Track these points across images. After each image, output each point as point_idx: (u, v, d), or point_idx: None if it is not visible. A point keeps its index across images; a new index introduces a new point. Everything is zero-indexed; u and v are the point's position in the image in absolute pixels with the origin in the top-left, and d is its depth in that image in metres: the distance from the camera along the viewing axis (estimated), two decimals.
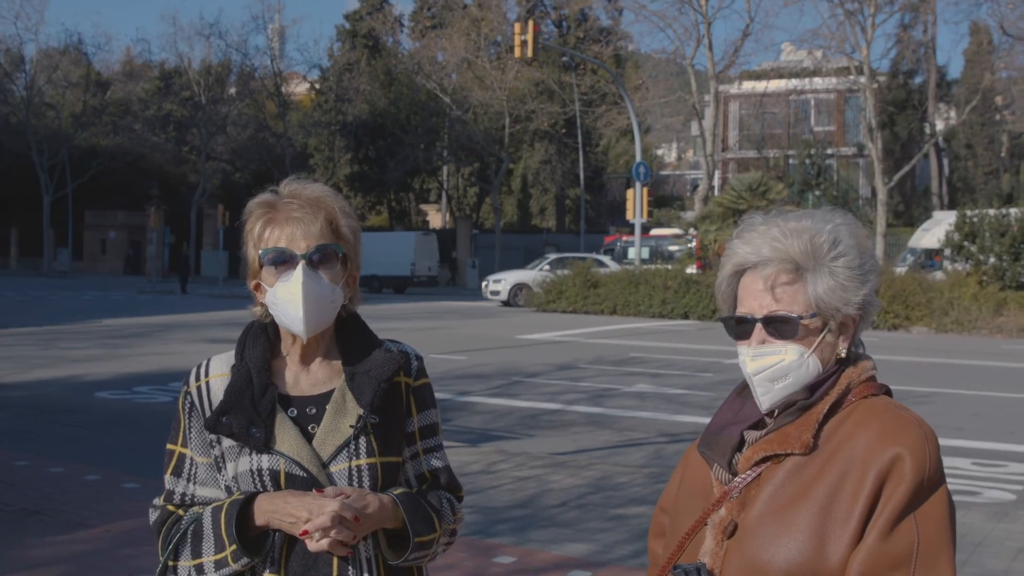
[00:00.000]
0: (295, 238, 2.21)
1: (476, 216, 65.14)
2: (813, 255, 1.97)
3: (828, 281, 1.96)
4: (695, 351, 20.37)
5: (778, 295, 1.98)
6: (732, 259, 2.05)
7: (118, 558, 6.14)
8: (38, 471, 8.61)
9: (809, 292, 1.97)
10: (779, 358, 1.97)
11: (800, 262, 1.97)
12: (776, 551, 1.86)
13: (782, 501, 1.90)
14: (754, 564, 1.88)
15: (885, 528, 1.81)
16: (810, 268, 1.97)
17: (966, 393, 14.90)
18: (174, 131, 64.29)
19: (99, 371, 16.01)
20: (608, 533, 7.03)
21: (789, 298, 1.98)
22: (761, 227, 2.02)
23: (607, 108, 53.27)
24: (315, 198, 2.26)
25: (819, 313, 1.97)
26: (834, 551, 1.83)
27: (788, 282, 1.98)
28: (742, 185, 33.27)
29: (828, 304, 1.97)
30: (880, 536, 1.81)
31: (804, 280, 1.97)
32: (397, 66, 61.35)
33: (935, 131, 49.81)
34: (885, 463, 1.84)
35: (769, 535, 1.88)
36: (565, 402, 13.57)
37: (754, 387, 2.01)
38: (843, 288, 1.97)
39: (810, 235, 1.98)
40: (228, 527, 2.15)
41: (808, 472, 1.90)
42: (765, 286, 1.99)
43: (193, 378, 2.33)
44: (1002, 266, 28.68)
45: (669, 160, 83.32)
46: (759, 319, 1.99)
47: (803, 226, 2.00)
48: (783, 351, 1.97)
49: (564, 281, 33.10)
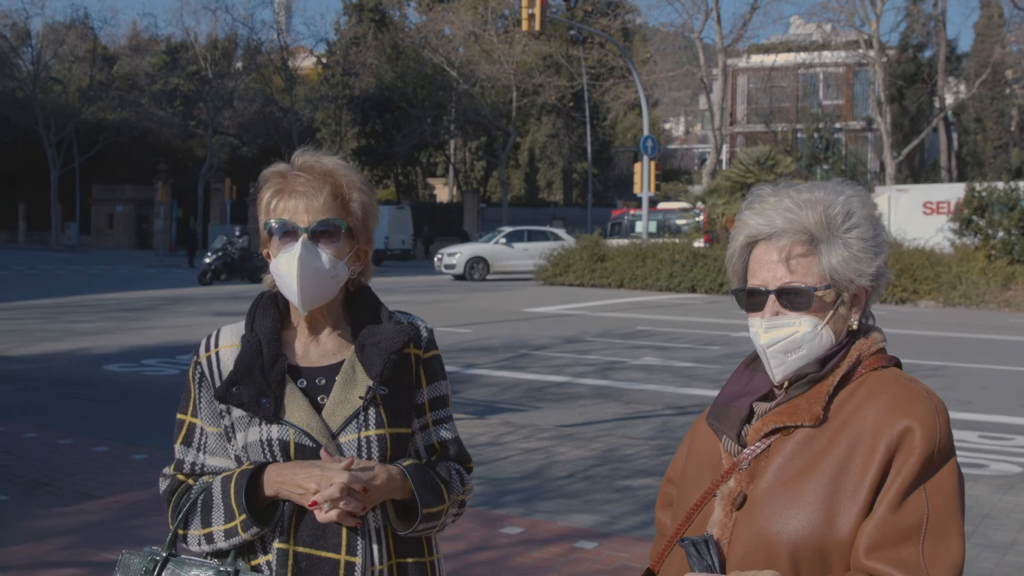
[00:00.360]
0: (298, 211, 2.22)
1: (483, 190, 65.08)
2: (827, 226, 1.95)
3: (842, 252, 1.95)
4: (702, 324, 20.36)
5: (792, 266, 1.96)
6: (744, 230, 2.02)
7: (126, 529, 6.17)
8: (46, 443, 8.65)
9: (824, 263, 1.95)
10: (793, 330, 1.96)
11: (815, 233, 1.95)
12: (785, 522, 1.85)
13: (791, 473, 1.89)
14: (763, 535, 1.87)
15: (895, 500, 1.80)
16: (824, 239, 1.95)
17: (974, 367, 14.88)
18: (181, 105, 64.20)
19: (107, 344, 16.06)
20: (615, 504, 7.05)
21: (803, 269, 1.96)
22: (772, 198, 2.00)
23: (615, 82, 53.09)
24: (326, 171, 2.26)
25: (833, 284, 1.96)
26: (843, 523, 1.82)
27: (803, 253, 1.96)
28: (750, 159, 33.18)
29: (842, 276, 1.95)
30: (890, 508, 1.80)
31: (818, 251, 1.95)
32: (404, 40, 61.12)
33: (944, 105, 49.53)
34: (895, 435, 1.83)
35: (778, 506, 1.87)
36: (572, 375, 13.58)
37: (767, 359, 1.99)
38: (857, 259, 1.95)
39: (824, 206, 1.96)
40: (238, 497, 2.16)
41: (818, 444, 1.90)
42: (779, 257, 1.97)
43: (203, 348, 2.34)
44: (1011, 240, 28.57)
45: (677, 134, 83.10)
46: (773, 291, 1.97)
47: (816, 197, 1.98)
48: (797, 323, 1.96)
49: (571, 254, 33.07)
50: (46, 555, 5.73)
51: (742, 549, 1.90)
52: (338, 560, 2.18)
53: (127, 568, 2.25)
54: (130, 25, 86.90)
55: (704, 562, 1.91)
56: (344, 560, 2.18)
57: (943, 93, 50.17)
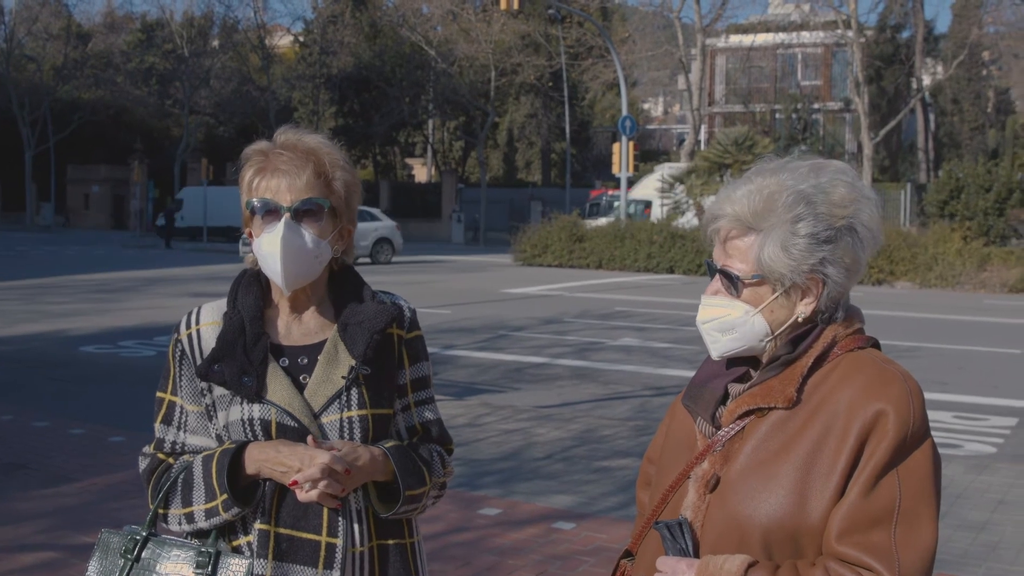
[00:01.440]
0: (280, 190, 2.21)
1: (462, 170, 64.90)
2: (764, 216, 1.91)
3: (775, 245, 1.90)
4: (680, 305, 20.42)
5: (729, 250, 1.97)
6: (707, 209, 2.05)
7: (103, 511, 6.15)
8: (23, 425, 8.60)
9: (756, 253, 1.93)
10: (725, 312, 1.97)
11: (749, 222, 1.93)
12: (757, 506, 1.85)
13: (764, 455, 1.88)
14: (735, 518, 1.87)
15: (867, 484, 1.80)
16: (762, 229, 1.92)
17: (950, 347, 14.99)
18: (157, 84, 63.67)
19: (83, 325, 15.96)
20: (593, 485, 7.08)
21: (740, 255, 1.95)
22: (743, 180, 1.99)
23: (593, 61, 52.96)
24: (308, 150, 2.25)
25: (763, 276, 1.93)
26: (815, 506, 1.82)
27: (737, 238, 1.95)
28: (728, 140, 33.16)
29: (771, 269, 1.92)
30: (862, 492, 1.80)
31: (756, 240, 1.93)
32: (382, 18, 60.73)
33: (922, 86, 49.66)
34: (868, 418, 1.82)
35: (751, 489, 1.87)
36: (550, 356, 13.61)
37: (703, 335, 2.01)
38: (788, 254, 1.90)
39: (769, 193, 1.92)
40: (220, 476, 2.15)
41: (791, 426, 1.89)
42: (719, 239, 1.99)
43: (184, 326, 2.32)
44: (987, 222, 28.76)
45: (655, 114, 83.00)
46: (718, 269, 1.99)
47: (766, 184, 1.94)
48: (730, 306, 1.96)
49: (550, 235, 33.07)
50: (23, 538, 5.70)
51: (715, 532, 1.90)
52: (319, 541, 2.18)
53: (106, 547, 2.23)
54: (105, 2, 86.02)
55: (678, 545, 1.91)
56: (325, 541, 2.18)
57: (920, 74, 50.30)
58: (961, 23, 50.55)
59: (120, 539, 2.23)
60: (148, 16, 66.24)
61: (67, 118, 60.45)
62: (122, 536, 2.23)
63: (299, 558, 2.18)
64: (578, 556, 5.57)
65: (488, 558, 5.52)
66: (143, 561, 2.20)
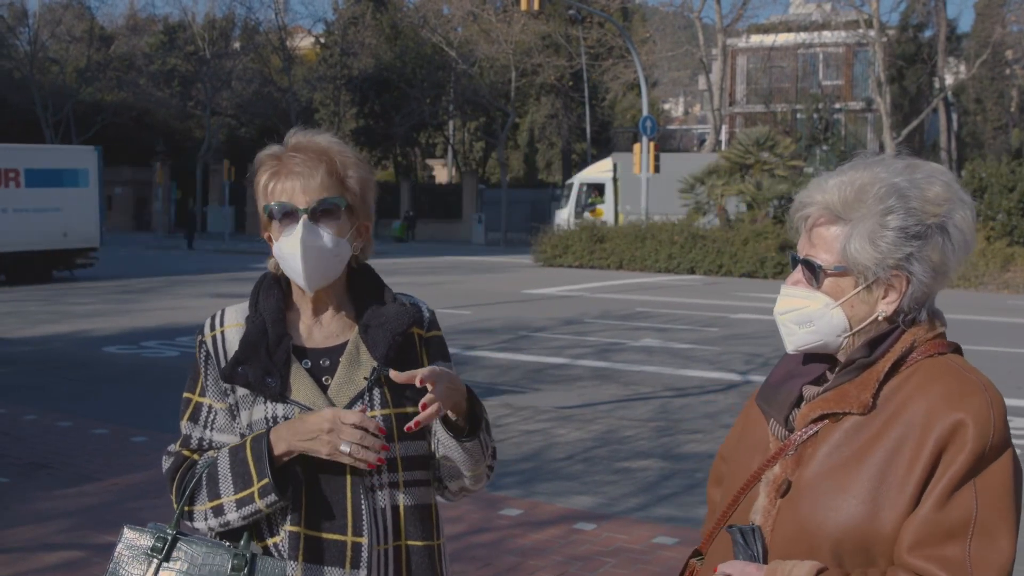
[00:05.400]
0: (296, 192, 2.22)
1: (482, 171, 64.91)
2: (855, 206, 1.87)
3: (862, 236, 1.86)
4: (701, 306, 20.36)
5: (814, 239, 1.93)
6: (796, 197, 2.00)
7: (125, 511, 6.17)
8: (46, 425, 8.65)
9: (842, 244, 1.88)
10: (804, 303, 1.93)
11: (839, 211, 1.89)
12: (828, 513, 1.81)
13: (837, 462, 1.84)
14: (806, 526, 1.83)
15: (942, 497, 1.75)
16: (850, 220, 1.88)
17: (973, 348, 14.81)
18: (179, 86, 63.93)
19: (106, 326, 16.05)
20: (614, 486, 7.06)
21: (824, 245, 1.91)
22: (832, 173, 1.95)
23: (614, 62, 52.89)
24: (320, 150, 2.26)
25: (847, 268, 1.89)
26: (888, 517, 1.77)
27: (824, 228, 1.91)
28: (749, 139, 33.06)
29: (856, 261, 1.87)
30: (936, 505, 1.75)
31: (844, 231, 1.89)
32: (402, 20, 60.83)
33: (944, 85, 49.36)
34: (946, 429, 1.77)
35: (822, 497, 1.82)
36: (571, 356, 13.59)
37: (779, 327, 1.97)
38: (875, 247, 1.85)
39: (861, 184, 1.88)
40: (258, 462, 2.14)
41: (866, 433, 1.84)
42: (805, 227, 1.95)
43: (208, 328, 2.34)
44: (1010, 222, 28.55)
45: (676, 115, 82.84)
46: (801, 260, 1.95)
47: (859, 176, 1.89)
48: (809, 297, 1.92)
49: (570, 235, 33.04)
50: (46, 537, 5.73)
51: (784, 538, 1.86)
52: (345, 541, 2.18)
53: (132, 546, 2.19)
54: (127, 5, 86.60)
55: (749, 551, 1.87)
56: (351, 541, 2.18)
57: (943, 73, 50.00)
58: (984, 22, 50.22)
59: (148, 535, 2.19)
60: (170, 18, 66.59)
61: (90, 120, 60.78)
62: (149, 533, 2.19)
63: (327, 559, 2.18)
64: (599, 557, 5.55)
65: (509, 559, 5.51)
66: (172, 560, 2.17)
